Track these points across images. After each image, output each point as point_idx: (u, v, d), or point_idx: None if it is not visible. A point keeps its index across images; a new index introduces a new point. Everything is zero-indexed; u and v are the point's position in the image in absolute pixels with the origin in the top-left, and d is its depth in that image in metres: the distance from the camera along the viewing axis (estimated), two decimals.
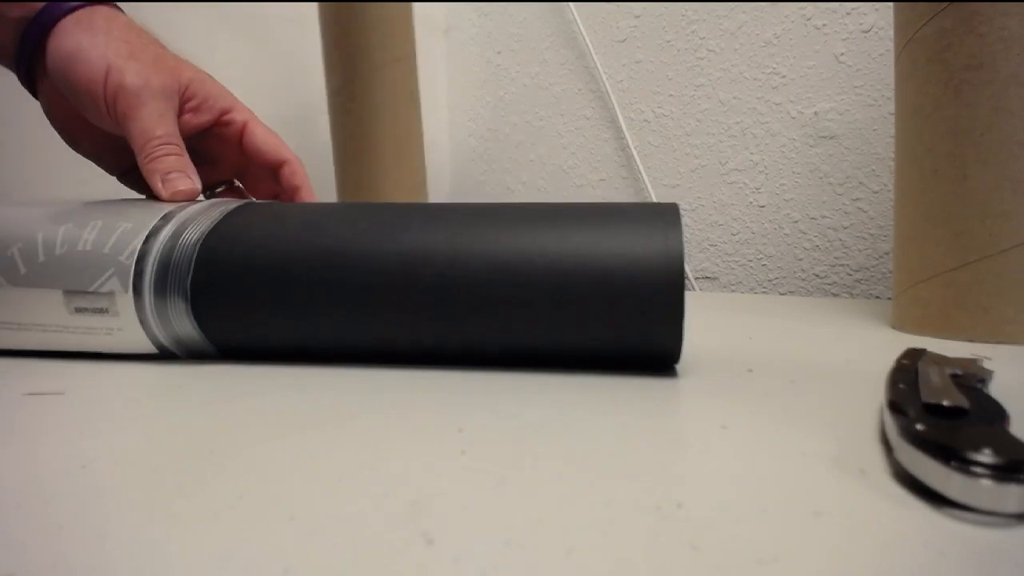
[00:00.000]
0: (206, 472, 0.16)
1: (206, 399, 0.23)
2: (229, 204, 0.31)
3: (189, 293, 0.27)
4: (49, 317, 0.28)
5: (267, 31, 0.84)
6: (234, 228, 0.29)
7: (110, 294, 0.27)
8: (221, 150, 0.39)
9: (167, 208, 0.30)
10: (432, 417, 0.20)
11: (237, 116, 0.38)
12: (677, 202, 0.28)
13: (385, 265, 0.26)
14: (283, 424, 0.20)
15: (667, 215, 0.27)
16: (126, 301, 0.27)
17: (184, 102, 0.35)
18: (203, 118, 0.36)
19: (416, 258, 0.26)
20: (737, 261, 0.66)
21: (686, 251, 0.67)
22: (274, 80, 0.84)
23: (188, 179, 0.33)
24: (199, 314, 0.28)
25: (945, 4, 0.33)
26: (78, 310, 0.28)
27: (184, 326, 0.28)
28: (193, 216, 0.29)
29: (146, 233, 0.28)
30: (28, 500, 0.14)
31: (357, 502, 0.14)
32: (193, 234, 0.28)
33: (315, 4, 0.66)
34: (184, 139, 0.34)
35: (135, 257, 0.27)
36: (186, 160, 0.33)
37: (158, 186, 0.32)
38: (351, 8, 0.62)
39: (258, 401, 0.22)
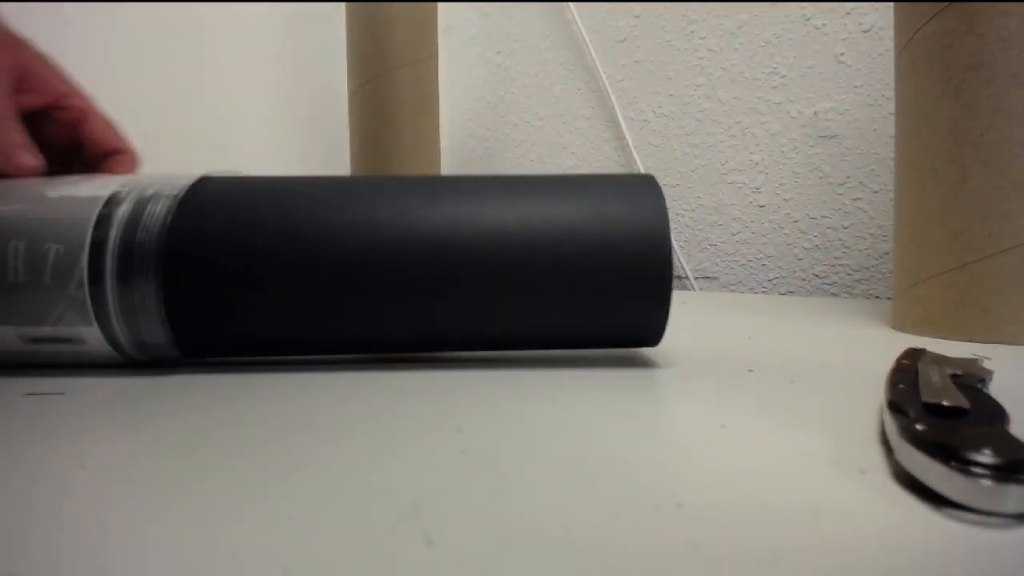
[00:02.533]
0: (206, 472, 0.16)
1: (206, 400, 0.23)
2: (162, 196, 0.26)
3: (165, 313, 0.25)
4: (5, 346, 0.26)
5: (293, 29, 0.84)
6: (195, 224, 0.25)
7: (71, 327, 0.25)
8: (52, 134, 0.36)
9: (88, 211, 0.25)
10: (432, 417, 0.20)
11: (74, 102, 0.36)
12: (655, 174, 0.32)
13: (380, 243, 0.25)
14: (282, 424, 0.20)
15: (647, 182, 0.28)
16: (92, 332, 0.25)
17: (17, 81, 0.33)
18: (36, 99, 0.35)
19: (398, 234, 0.25)
20: (737, 261, 0.66)
21: (686, 250, 0.67)
22: (298, 78, 0.84)
23: (32, 155, 0.31)
24: (177, 329, 0.25)
25: (945, 4, 0.33)
26: (36, 340, 0.25)
27: (163, 347, 0.26)
28: (134, 217, 0.25)
29: (86, 254, 0.24)
30: (28, 500, 0.14)
31: (357, 502, 0.14)
32: (148, 239, 0.25)
33: (343, 4, 0.66)
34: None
35: (86, 287, 0.24)
36: (25, 136, 0.31)
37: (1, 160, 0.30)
38: (378, 8, 0.62)
39: (258, 402, 0.22)
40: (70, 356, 0.26)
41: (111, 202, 0.26)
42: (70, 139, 0.37)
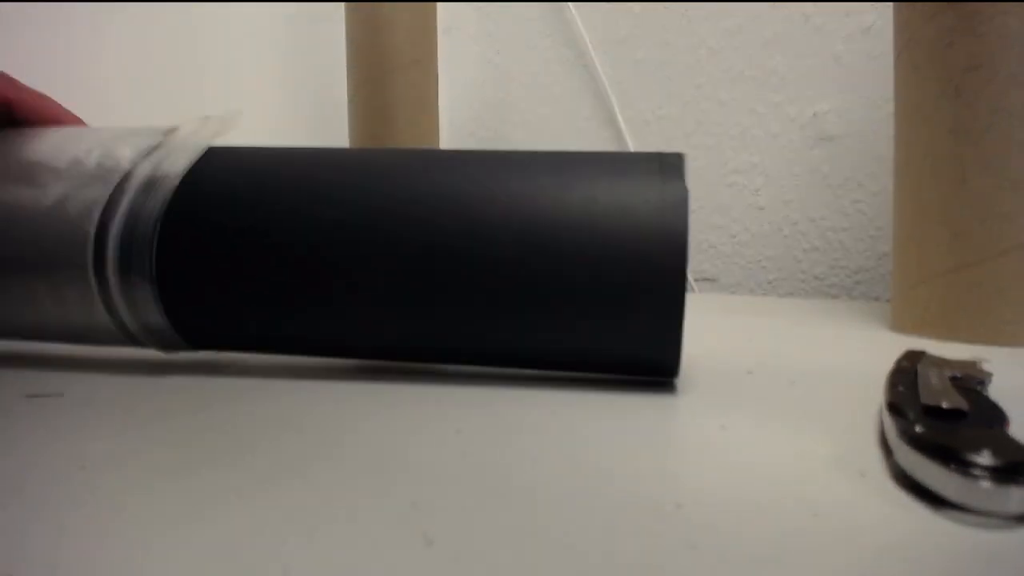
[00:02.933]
0: (205, 472, 0.16)
1: (206, 400, 0.23)
2: (168, 176, 0.25)
3: (162, 301, 0.25)
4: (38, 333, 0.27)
5: (293, 29, 0.84)
6: (189, 208, 0.25)
7: (89, 326, 0.26)
8: None
9: (75, 227, 0.25)
10: (431, 418, 0.20)
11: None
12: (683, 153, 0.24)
13: (364, 233, 0.23)
14: (282, 424, 0.20)
15: (667, 171, 0.23)
16: (105, 323, 0.26)
17: None
18: None
19: (387, 227, 0.23)
20: (736, 263, 0.66)
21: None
22: (298, 78, 0.84)
23: None
24: (173, 316, 0.25)
25: (945, 4, 0.33)
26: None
27: (167, 334, 0.26)
28: (136, 204, 0.25)
29: (95, 289, 0.24)
30: (28, 501, 0.14)
31: (357, 502, 0.14)
32: (147, 228, 0.24)
33: (342, 4, 0.66)
34: None
35: (96, 296, 0.25)
36: None
37: None
38: (376, 8, 0.62)
39: (258, 402, 0.22)
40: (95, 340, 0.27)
41: (119, 190, 0.25)
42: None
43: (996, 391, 0.21)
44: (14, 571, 0.11)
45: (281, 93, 0.83)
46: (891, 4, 0.39)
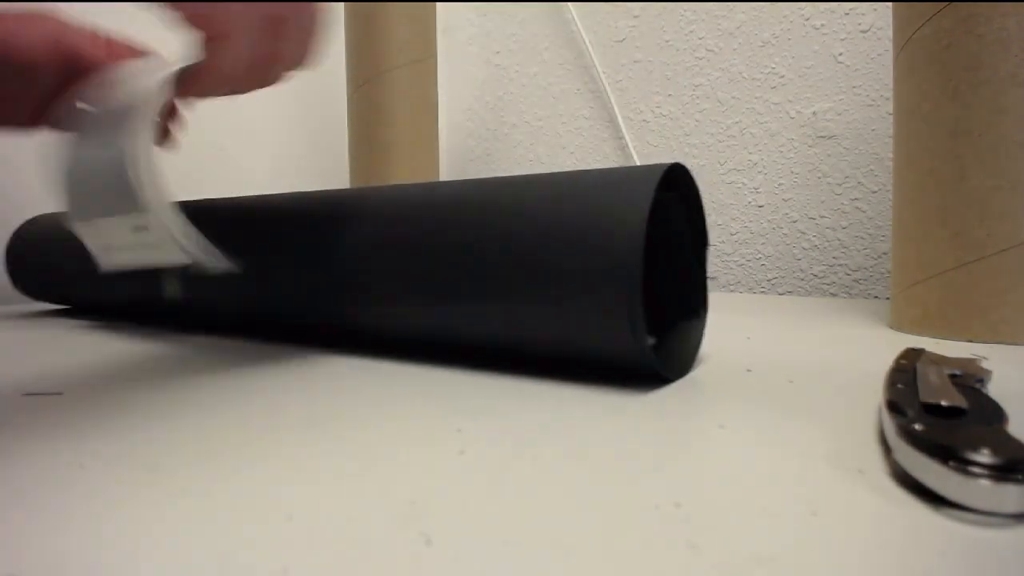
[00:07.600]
0: (204, 472, 0.16)
1: (203, 399, 0.23)
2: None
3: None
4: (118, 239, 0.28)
5: None
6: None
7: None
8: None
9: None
10: (431, 417, 0.20)
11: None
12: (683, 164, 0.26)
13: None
14: (281, 424, 0.20)
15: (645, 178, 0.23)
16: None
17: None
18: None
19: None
20: (736, 261, 0.66)
21: None
22: (297, 78, 0.84)
23: None
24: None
25: (944, 5, 0.33)
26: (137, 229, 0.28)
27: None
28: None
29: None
30: (27, 500, 0.14)
31: (356, 502, 0.14)
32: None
33: (341, 4, 0.66)
34: None
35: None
36: None
37: None
38: (376, 8, 0.62)
39: (256, 401, 0.22)
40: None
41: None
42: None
43: (995, 389, 0.21)
44: (14, 571, 0.11)
45: (281, 93, 0.83)
46: (890, 5, 0.39)
